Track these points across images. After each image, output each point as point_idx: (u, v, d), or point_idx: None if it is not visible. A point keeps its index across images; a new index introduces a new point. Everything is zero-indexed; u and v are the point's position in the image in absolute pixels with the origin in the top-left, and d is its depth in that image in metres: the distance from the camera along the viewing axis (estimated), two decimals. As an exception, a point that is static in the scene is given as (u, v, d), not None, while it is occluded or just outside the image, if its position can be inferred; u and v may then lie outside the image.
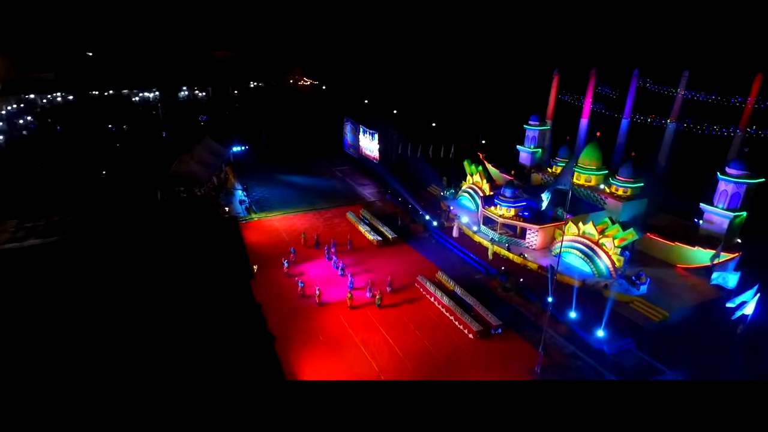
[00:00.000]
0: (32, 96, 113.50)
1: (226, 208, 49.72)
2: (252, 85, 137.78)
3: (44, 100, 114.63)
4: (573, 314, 33.24)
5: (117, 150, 75.01)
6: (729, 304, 30.57)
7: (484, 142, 73.09)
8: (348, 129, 73.08)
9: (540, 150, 58.24)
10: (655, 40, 70.41)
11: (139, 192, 51.35)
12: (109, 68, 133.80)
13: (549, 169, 53.00)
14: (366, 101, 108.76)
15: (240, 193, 56.52)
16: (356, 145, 71.07)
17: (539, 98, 65.86)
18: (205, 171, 53.09)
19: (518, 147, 59.54)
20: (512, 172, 53.01)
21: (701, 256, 38.42)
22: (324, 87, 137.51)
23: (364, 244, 45.07)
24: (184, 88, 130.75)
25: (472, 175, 52.57)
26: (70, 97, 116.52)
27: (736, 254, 36.59)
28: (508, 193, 44.40)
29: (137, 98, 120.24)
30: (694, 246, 38.81)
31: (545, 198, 44.08)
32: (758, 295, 29.61)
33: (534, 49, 79.18)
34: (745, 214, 39.86)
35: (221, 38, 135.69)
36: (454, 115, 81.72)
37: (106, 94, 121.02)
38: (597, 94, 62.60)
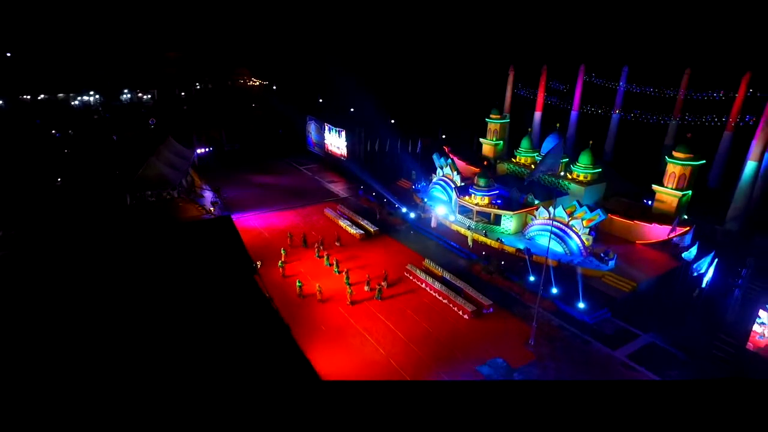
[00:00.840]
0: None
1: (211, 208, 49.01)
2: (198, 86, 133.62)
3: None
4: (555, 290, 36.07)
5: (67, 156, 71.17)
6: (695, 273, 34.44)
7: (444, 136, 75.86)
8: (312, 128, 73.41)
9: (501, 142, 61.53)
10: (598, 39, 76.27)
11: (106, 197, 49.56)
12: (38, 70, 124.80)
13: (513, 159, 56.21)
14: (321, 100, 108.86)
15: (210, 195, 55.64)
16: (321, 143, 71.59)
17: (497, 93, 69.52)
18: (174, 174, 51.94)
19: (481, 140, 62.63)
20: (485, 163, 55.80)
21: (657, 231, 42.71)
22: (275, 87, 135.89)
23: (347, 238, 46.06)
24: (126, 90, 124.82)
25: (441, 168, 54.74)
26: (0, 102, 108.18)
27: (689, 228, 41.03)
28: (481, 182, 46.94)
29: (76, 102, 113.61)
30: (651, 223, 43.04)
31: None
32: (716, 260, 33.74)
33: (489, 47, 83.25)
34: (690, 192, 44.61)
35: (166, 38, 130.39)
36: (413, 111, 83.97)
37: (39, 98, 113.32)
38: (549, 88, 66.89)
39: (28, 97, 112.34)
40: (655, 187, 45.12)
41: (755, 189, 48.29)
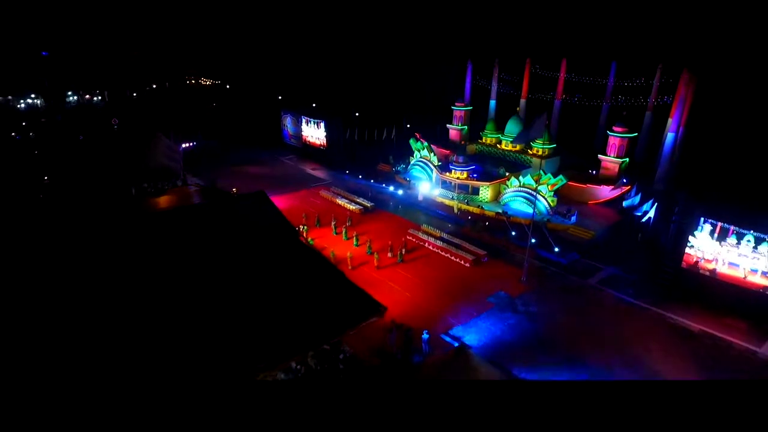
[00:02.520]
0: None
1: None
2: (148, 88, 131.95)
3: None
4: (533, 240, 44.07)
5: (40, 156, 70.91)
6: (637, 213, 43.88)
7: (409, 125, 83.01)
8: (288, 121, 77.83)
9: (466, 127, 69.62)
10: (540, 36, 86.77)
11: (110, 190, 51.85)
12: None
13: (480, 141, 64.31)
14: (280, 97, 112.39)
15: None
16: (299, 135, 76.25)
17: (458, 84, 77.55)
18: (175, 165, 55.03)
19: (448, 125, 70.40)
20: (462, 142, 63.49)
21: (605, 192, 52.24)
22: (228, 86, 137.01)
23: (348, 214, 51.73)
24: (69, 93, 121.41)
25: (419, 151, 61.70)
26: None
27: (629, 187, 50.76)
28: (460, 159, 54.42)
29: (22, 105, 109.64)
30: (600, 186, 52.51)
31: None
32: (655, 204, 43.32)
33: (448, 43, 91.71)
34: (627, 159, 54.65)
35: (118, 37, 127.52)
36: (378, 103, 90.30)
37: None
38: (502, 79, 75.79)
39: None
40: (600, 156, 54.81)
41: (674, 156, 59.25)
